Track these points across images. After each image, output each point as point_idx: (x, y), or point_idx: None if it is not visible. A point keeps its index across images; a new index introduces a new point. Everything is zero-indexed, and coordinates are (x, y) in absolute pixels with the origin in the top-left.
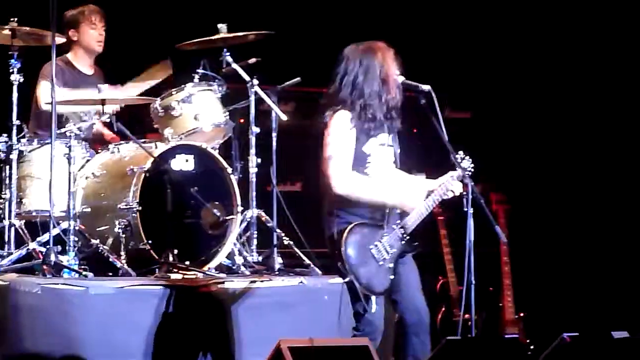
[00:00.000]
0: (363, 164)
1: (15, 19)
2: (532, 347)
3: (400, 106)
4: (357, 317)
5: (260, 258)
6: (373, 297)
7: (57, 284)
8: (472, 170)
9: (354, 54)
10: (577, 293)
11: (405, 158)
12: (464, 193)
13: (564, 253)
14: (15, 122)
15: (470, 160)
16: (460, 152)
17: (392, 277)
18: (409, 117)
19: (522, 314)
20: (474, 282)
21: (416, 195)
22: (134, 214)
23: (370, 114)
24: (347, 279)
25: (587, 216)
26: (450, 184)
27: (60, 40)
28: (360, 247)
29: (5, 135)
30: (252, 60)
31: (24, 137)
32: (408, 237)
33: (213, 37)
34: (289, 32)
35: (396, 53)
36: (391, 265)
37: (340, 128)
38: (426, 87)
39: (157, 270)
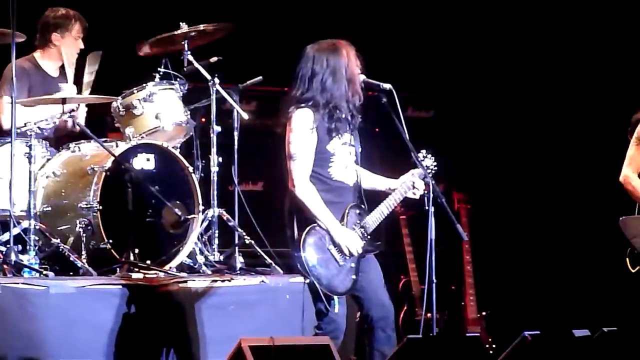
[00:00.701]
0: (326, 163)
1: None
2: (493, 345)
3: (361, 105)
4: (320, 316)
5: (221, 257)
6: (336, 297)
7: (18, 283)
8: (435, 169)
9: (320, 53)
10: (538, 292)
11: (367, 157)
12: (426, 192)
13: (525, 252)
14: None
15: (433, 158)
16: (423, 151)
17: (354, 277)
18: (372, 116)
19: (484, 313)
20: (435, 281)
21: (356, 239)
22: (94, 213)
23: (337, 114)
24: (307, 281)
25: (548, 215)
26: (411, 183)
27: (19, 39)
28: (320, 248)
29: None
30: (214, 59)
31: None
32: (369, 237)
33: (174, 33)
34: (250, 31)
35: (358, 51)
36: (352, 265)
37: (302, 127)
38: (387, 86)
39: (118, 269)
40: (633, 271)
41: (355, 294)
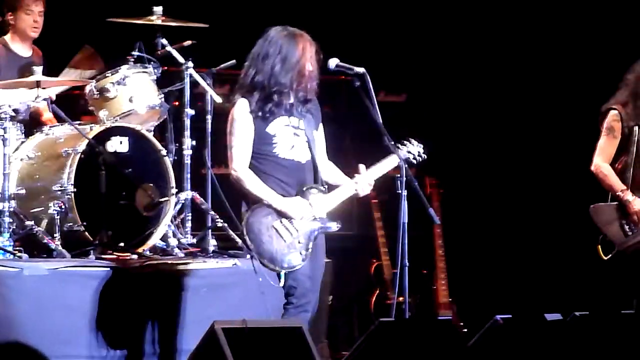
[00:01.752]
0: (269, 143)
1: None
2: (465, 330)
3: (315, 95)
4: (287, 291)
5: (194, 240)
6: (282, 272)
7: None
8: (424, 155)
9: (277, 38)
10: (510, 276)
11: (338, 142)
12: (398, 175)
13: (497, 236)
14: None
15: (422, 146)
16: (412, 140)
17: (303, 253)
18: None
19: (455, 297)
20: (407, 264)
21: (301, 204)
22: (68, 196)
23: (276, 98)
24: (248, 255)
25: (520, 200)
26: (354, 188)
27: None
28: (263, 225)
29: None
30: (187, 43)
31: None
32: (324, 216)
33: (147, 22)
34: (224, 15)
35: (319, 49)
36: (301, 241)
37: (238, 118)
38: (360, 70)
39: (91, 251)
40: (605, 258)
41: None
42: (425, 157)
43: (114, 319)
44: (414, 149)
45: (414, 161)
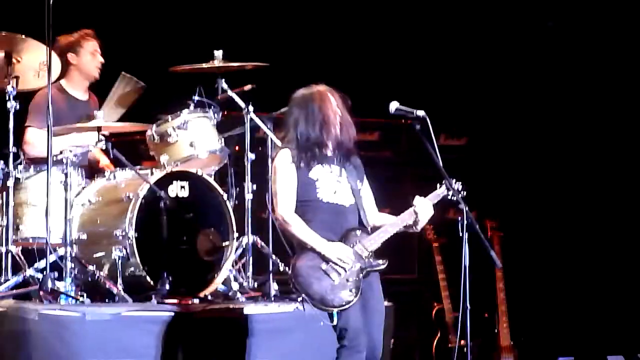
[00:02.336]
0: (313, 189)
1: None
2: None
3: (354, 143)
4: (340, 334)
5: (256, 284)
6: (334, 311)
7: (54, 309)
8: (464, 193)
9: (297, 97)
10: (572, 318)
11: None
12: (460, 218)
13: (558, 279)
14: (12, 149)
15: (460, 183)
16: (450, 179)
17: (352, 291)
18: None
19: (517, 340)
20: (469, 308)
21: (344, 248)
22: (130, 241)
23: (315, 149)
24: (299, 298)
25: (580, 242)
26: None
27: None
28: (311, 268)
29: (1, 162)
30: (248, 87)
31: (20, 164)
32: (371, 254)
33: (208, 66)
34: (284, 59)
35: (341, 93)
36: (349, 280)
37: (281, 166)
38: (421, 113)
39: (153, 296)
40: None
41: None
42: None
43: None
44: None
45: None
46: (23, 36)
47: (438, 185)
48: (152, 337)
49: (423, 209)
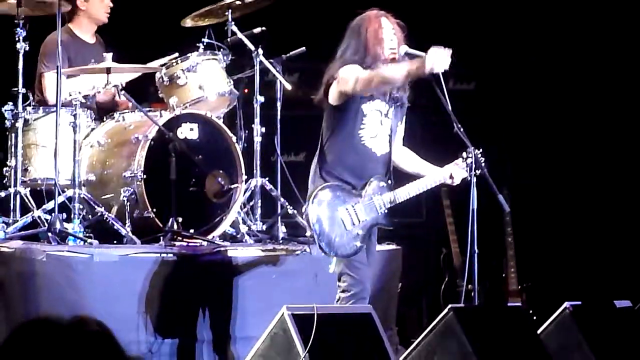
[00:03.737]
0: (359, 122)
1: None
2: (534, 317)
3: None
4: (340, 278)
5: (264, 227)
6: (334, 259)
7: (62, 251)
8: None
9: (356, 21)
10: (580, 263)
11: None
12: (468, 163)
13: (566, 223)
14: (21, 90)
15: (481, 150)
16: (472, 148)
17: (358, 244)
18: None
19: (524, 285)
20: (477, 252)
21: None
22: (138, 182)
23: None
24: (308, 233)
25: (590, 186)
26: (448, 173)
27: (66, 8)
28: (327, 207)
29: (11, 103)
30: (257, 30)
31: (29, 105)
32: (386, 211)
33: (217, 5)
34: (294, 2)
35: (399, 21)
36: (360, 232)
37: (354, 68)
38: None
39: (161, 238)
40: None
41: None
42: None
43: (183, 306)
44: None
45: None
46: None
47: (463, 155)
48: (160, 279)
49: (457, 176)
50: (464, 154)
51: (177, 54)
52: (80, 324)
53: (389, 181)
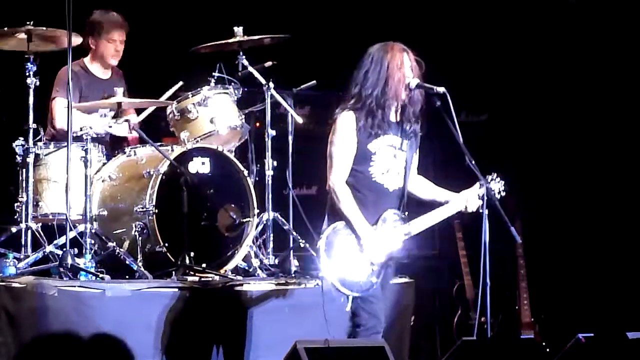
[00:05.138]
0: (367, 162)
1: (31, 22)
2: (547, 349)
3: (419, 111)
4: (355, 314)
5: (276, 261)
6: (350, 296)
7: (74, 286)
8: (503, 193)
9: (371, 51)
10: (592, 295)
11: (420, 161)
12: (480, 196)
13: (578, 255)
14: (32, 125)
15: (502, 182)
16: (494, 174)
17: (374, 279)
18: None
19: (542, 316)
20: (489, 284)
21: (384, 246)
22: (150, 217)
23: (377, 113)
24: (320, 274)
25: (602, 218)
26: (466, 198)
27: (77, 41)
28: (342, 245)
29: (22, 138)
30: (268, 64)
31: (40, 140)
32: (401, 245)
33: (229, 41)
34: (305, 36)
35: (417, 58)
36: (375, 267)
37: (344, 129)
38: (441, 89)
39: (173, 272)
40: None
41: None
42: (504, 194)
43: (196, 340)
44: (495, 186)
45: (494, 197)
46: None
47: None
48: (172, 313)
49: (472, 204)
50: (483, 180)
51: (181, 83)
52: (93, 359)
53: (403, 214)
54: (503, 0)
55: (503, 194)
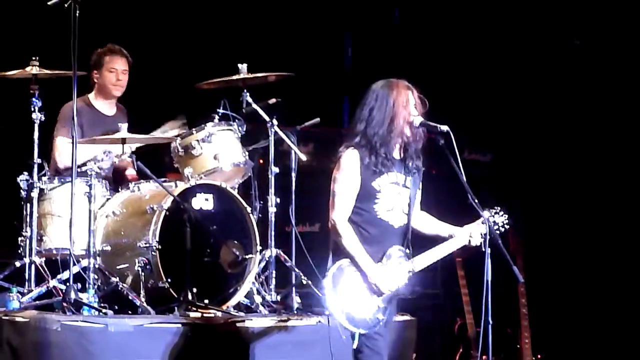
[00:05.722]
0: (372, 199)
1: (37, 58)
2: None
3: (420, 148)
4: (362, 349)
5: (278, 297)
6: (356, 333)
7: (77, 321)
8: (507, 226)
9: (375, 88)
10: (593, 334)
11: (424, 199)
12: (482, 233)
13: (581, 296)
14: (37, 160)
15: (506, 216)
16: (497, 208)
17: (381, 316)
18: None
19: (539, 356)
20: (491, 323)
21: (390, 279)
22: (153, 253)
23: (381, 151)
24: (327, 312)
25: (603, 259)
26: (469, 232)
27: (81, 73)
28: (347, 283)
29: (26, 173)
30: (272, 101)
31: (44, 175)
32: (406, 281)
33: (233, 78)
34: (309, 73)
35: (421, 96)
36: (381, 304)
37: (347, 167)
38: (445, 128)
39: (176, 308)
40: None
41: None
42: (508, 227)
43: None
44: (499, 219)
45: (497, 231)
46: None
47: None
48: (175, 349)
49: (476, 237)
50: (486, 213)
51: (184, 117)
52: None
53: (407, 250)
54: (508, 41)
55: (507, 227)
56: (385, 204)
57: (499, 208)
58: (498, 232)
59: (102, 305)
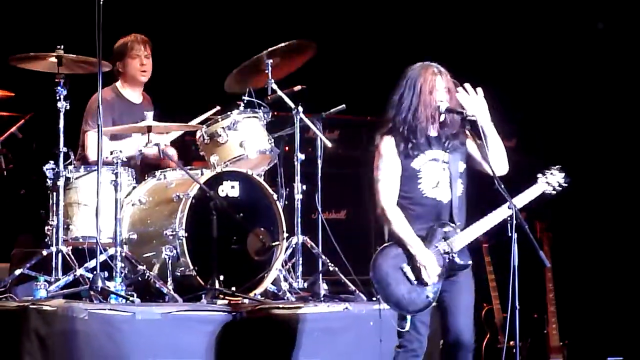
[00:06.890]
0: (415, 180)
1: (62, 47)
2: None
3: (453, 125)
4: (401, 334)
5: (305, 284)
6: (408, 316)
7: (104, 309)
8: (565, 185)
9: (407, 73)
10: (621, 319)
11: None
12: (509, 219)
13: (607, 279)
14: (62, 149)
15: (563, 174)
16: (553, 168)
17: (429, 296)
18: None
19: (566, 341)
20: (518, 308)
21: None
22: (180, 241)
23: (412, 135)
24: (376, 297)
25: (630, 242)
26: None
27: (106, 68)
28: (391, 267)
29: (52, 162)
30: (297, 88)
31: (70, 164)
32: (454, 256)
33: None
34: (333, 60)
35: (454, 80)
36: (428, 286)
37: (386, 153)
38: (471, 113)
39: (203, 296)
40: None
41: (441, 316)
42: (566, 185)
43: None
44: (553, 179)
45: (553, 192)
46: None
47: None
48: (202, 337)
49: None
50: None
51: (218, 107)
52: None
53: (453, 224)
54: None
55: (565, 185)
56: (429, 181)
57: (553, 168)
58: (554, 191)
59: (129, 293)
